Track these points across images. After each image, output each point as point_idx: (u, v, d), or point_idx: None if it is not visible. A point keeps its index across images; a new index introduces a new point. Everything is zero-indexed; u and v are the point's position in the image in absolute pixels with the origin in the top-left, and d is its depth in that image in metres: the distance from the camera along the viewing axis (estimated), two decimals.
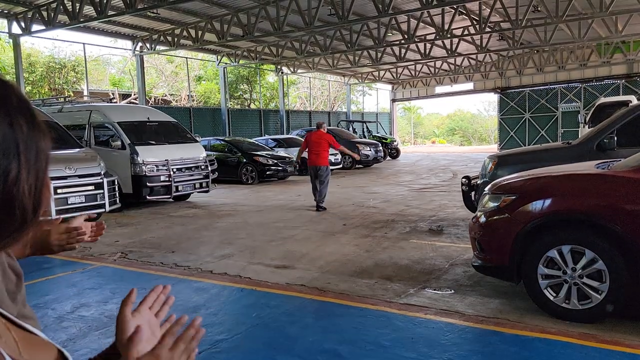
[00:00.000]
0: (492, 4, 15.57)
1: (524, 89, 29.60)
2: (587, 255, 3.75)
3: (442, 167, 20.01)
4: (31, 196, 0.59)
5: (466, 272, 5.25)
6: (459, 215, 8.63)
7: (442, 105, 64.68)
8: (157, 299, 0.90)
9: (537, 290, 3.95)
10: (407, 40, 17.97)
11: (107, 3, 12.81)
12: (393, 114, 37.16)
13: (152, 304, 0.88)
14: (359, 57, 23.74)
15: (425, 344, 3.55)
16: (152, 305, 0.88)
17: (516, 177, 4.56)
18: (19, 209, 0.58)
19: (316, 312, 4.35)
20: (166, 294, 0.92)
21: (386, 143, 24.83)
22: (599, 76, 27.12)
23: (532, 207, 4.02)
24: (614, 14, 15.37)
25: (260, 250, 6.55)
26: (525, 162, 6.21)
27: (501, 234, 4.15)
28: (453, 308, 4.23)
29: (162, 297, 0.91)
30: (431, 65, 29.09)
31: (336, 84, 35.97)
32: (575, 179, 4.16)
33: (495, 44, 22.58)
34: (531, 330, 3.71)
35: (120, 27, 17.49)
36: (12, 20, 14.76)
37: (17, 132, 0.58)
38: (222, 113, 22.90)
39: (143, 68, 19.66)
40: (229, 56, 22.50)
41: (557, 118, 28.33)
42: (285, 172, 15.85)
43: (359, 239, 7.11)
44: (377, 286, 4.91)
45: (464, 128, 55.80)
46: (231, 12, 16.14)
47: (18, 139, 0.58)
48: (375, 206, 10.16)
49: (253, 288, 4.95)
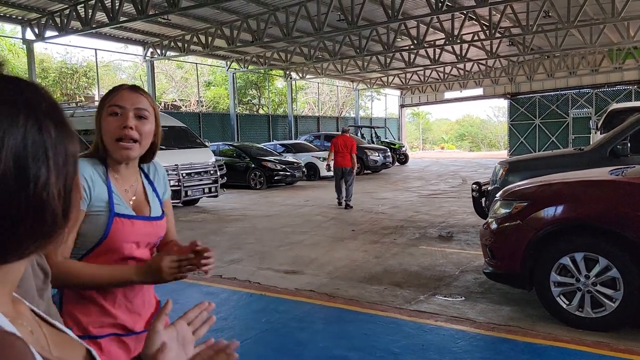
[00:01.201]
0: (503, 9, 15.50)
1: (534, 94, 29.41)
2: (601, 263, 3.70)
3: (451, 173, 19.91)
4: (61, 200, 0.60)
5: (477, 279, 5.20)
6: (468, 221, 8.56)
7: (451, 111, 64.78)
8: (198, 316, 0.87)
9: (549, 298, 3.90)
10: (417, 45, 17.95)
11: (119, 9, 12.94)
12: (401, 119, 37.08)
13: (192, 319, 0.86)
14: (368, 63, 23.74)
15: (436, 351, 3.51)
16: (191, 321, 0.85)
17: (528, 184, 4.52)
18: (49, 213, 0.58)
19: (326, 318, 4.32)
20: (209, 311, 0.89)
21: (394, 148, 24.76)
22: (611, 82, 26.88)
23: (544, 214, 3.97)
24: (625, 20, 15.25)
25: (269, 255, 6.54)
26: (537, 168, 6.16)
27: (513, 240, 4.10)
28: (464, 315, 4.19)
29: (204, 315, 0.88)
30: (440, 71, 29.00)
31: (345, 90, 36.00)
32: (588, 185, 4.11)
33: (505, 49, 22.49)
34: (544, 338, 3.66)
35: (132, 33, 17.65)
36: (26, 26, 14.95)
37: (45, 136, 0.58)
38: (231, 118, 22.98)
39: (153, 73, 19.81)
40: (238, 62, 22.61)
41: (568, 124, 28.11)
42: (293, 177, 15.86)
43: (368, 244, 7.08)
44: (387, 292, 4.88)
45: (473, 134, 55.58)
46: (241, 18, 16.22)
47: (47, 144, 0.58)
48: (384, 212, 10.13)
49: (262, 293, 4.94)
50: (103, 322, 1.51)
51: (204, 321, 0.88)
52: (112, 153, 1.52)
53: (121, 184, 1.57)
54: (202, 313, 0.88)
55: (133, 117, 1.50)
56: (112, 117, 1.50)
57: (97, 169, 1.53)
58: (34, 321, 0.69)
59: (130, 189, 1.60)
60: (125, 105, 1.50)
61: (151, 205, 1.62)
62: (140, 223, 1.55)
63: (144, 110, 1.53)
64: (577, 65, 25.55)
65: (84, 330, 1.48)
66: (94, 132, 1.64)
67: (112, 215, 1.49)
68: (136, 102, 1.52)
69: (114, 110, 1.50)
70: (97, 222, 1.48)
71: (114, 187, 1.54)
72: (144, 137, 1.53)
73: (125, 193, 1.57)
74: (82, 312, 1.49)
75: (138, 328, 1.57)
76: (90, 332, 1.49)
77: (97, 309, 1.51)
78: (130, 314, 1.56)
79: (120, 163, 1.56)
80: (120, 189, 1.56)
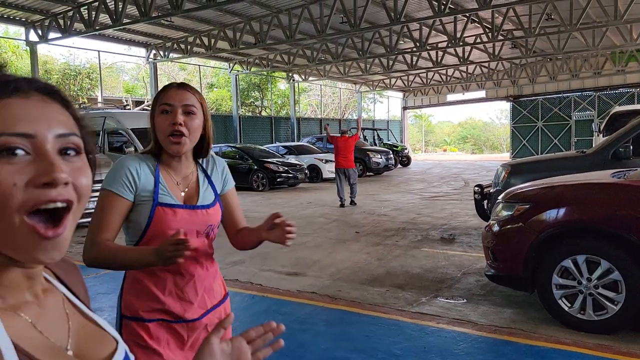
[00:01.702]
0: (505, 12, 15.51)
1: (536, 97, 29.40)
2: (603, 266, 3.69)
3: (453, 175, 19.90)
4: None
5: (479, 281, 5.20)
6: (471, 223, 8.56)
7: (454, 113, 64.69)
8: (262, 336, 0.80)
9: (551, 301, 3.90)
10: (419, 48, 17.97)
11: (122, 11, 13.00)
12: (404, 121, 37.10)
13: (253, 338, 0.80)
14: (371, 65, 23.78)
15: (438, 353, 3.51)
16: (252, 340, 0.80)
17: (530, 186, 4.51)
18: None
19: (327, 319, 4.32)
20: (277, 334, 0.82)
21: (397, 151, 24.78)
22: (614, 84, 26.86)
23: (546, 216, 3.97)
24: (628, 22, 15.24)
25: (271, 257, 6.54)
26: (539, 170, 6.15)
27: (515, 243, 4.10)
28: (466, 317, 4.19)
29: (268, 336, 0.81)
30: (443, 73, 29.02)
31: (347, 92, 36.04)
32: (590, 187, 4.11)
33: (507, 52, 22.49)
34: (546, 340, 3.65)
35: (135, 34, 17.72)
36: (30, 28, 15.02)
37: None
38: (234, 120, 23.03)
39: (156, 75, 19.86)
40: (241, 64, 22.66)
41: (571, 127, 28.09)
42: (295, 179, 15.87)
43: (370, 246, 7.08)
44: (389, 294, 4.88)
45: (476, 136, 55.54)
46: (244, 20, 16.27)
47: None
48: (386, 214, 10.13)
49: (264, 295, 4.95)
50: (152, 307, 1.61)
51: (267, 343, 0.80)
52: (165, 148, 1.63)
53: (172, 177, 1.67)
54: (267, 334, 0.81)
55: (181, 114, 1.60)
56: (163, 115, 1.61)
57: (146, 162, 1.64)
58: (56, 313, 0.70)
59: (183, 182, 1.69)
60: (174, 103, 1.60)
61: (200, 195, 1.70)
62: (183, 211, 1.63)
63: (192, 106, 1.62)
64: (580, 68, 25.54)
65: (135, 313, 1.60)
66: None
67: (155, 204, 1.60)
68: (184, 99, 1.61)
69: (164, 109, 1.61)
70: (143, 211, 1.60)
71: (163, 180, 1.64)
72: (192, 132, 1.62)
73: (175, 185, 1.67)
74: (135, 296, 1.62)
75: (189, 316, 1.64)
76: (140, 316, 1.59)
77: (147, 294, 1.61)
78: (181, 301, 1.63)
79: (173, 157, 1.65)
80: (170, 181, 1.66)
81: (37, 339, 0.64)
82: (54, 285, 0.74)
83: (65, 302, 0.73)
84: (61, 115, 0.65)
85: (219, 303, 1.76)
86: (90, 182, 0.66)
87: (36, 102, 0.63)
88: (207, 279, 1.71)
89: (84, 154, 0.66)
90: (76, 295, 0.78)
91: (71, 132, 0.65)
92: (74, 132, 0.65)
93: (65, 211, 0.62)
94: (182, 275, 1.63)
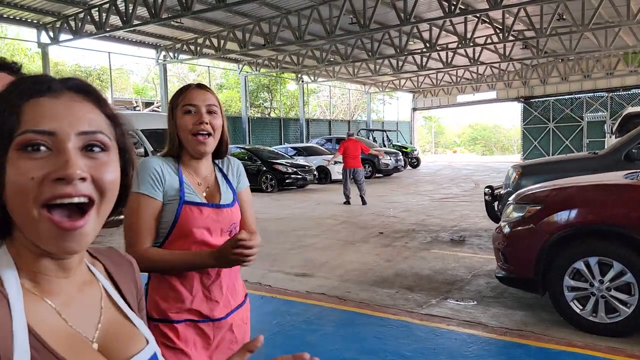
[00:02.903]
0: (516, 12, 15.41)
1: (548, 98, 29.16)
2: (615, 268, 3.65)
3: (463, 177, 19.80)
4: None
5: (489, 283, 5.16)
6: (481, 225, 8.50)
7: (464, 114, 64.10)
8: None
9: (563, 303, 3.86)
10: (429, 48, 17.90)
11: (132, 13, 13.09)
12: (413, 122, 36.98)
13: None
14: (380, 66, 23.72)
15: (448, 355, 3.49)
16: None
17: (541, 187, 4.47)
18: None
19: (336, 320, 4.31)
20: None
21: (406, 152, 24.69)
22: (626, 85, 26.57)
23: (558, 218, 3.93)
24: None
25: (280, 258, 6.54)
26: (550, 172, 6.10)
27: (526, 244, 4.06)
28: (476, 319, 4.16)
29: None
30: (453, 74, 28.87)
31: (356, 93, 35.98)
32: (603, 189, 4.06)
33: (518, 52, 22.34)
34: (557, 343, 3.61)
35: (145, 36, 17.83)
36: (41, 30, 15.17)
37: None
38: (243, 121, 23.08)
39: (166, 76, 19.96)
40: (250, 65, 22.71)
41: (583, 128, 27.83)
42: (304, 180, 15.87)
43: (380, 248, 7.06)
44: (398, 296, 4.86)
45: (486, 137, 55.21)
46: (253, 22, 16.31)
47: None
48: (395, 215, 10.09)
49: (273, 295, 4.95)
50: (180, 307, 1.61)
51: None
52: (190, 147, 1.64)
53: (194, 178, 1.69)
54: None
55: (206, 113, 1.63)
56: (187, 115, 1.62)
57: (168, 163, 1.66)
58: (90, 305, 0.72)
59: (204, 182, 1.71)
60: (198, 103, 1.63)
61: (222, 195, 1.71)
62: (209, 210, 1.64)
63: (214, 106, 1.65)
64: (592, 69, 25.29)
65: (163, 314, 1.60)
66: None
67: (182, 203, 1.60)
68: (206, 99, 1.65)
69: (187, 109, 1.63)
70: (171, 210, 1.60)
71: (186, 179, 1.65)
72: (216, 130, 1.65)
73: (197, 186, 1.68)
74: (162, 297, 1.61)
75: (216, 315, 1.65)
76: (168, 317, 1.59)
77: (174, 295, 1.61)
78: (208, 301, 1.64)
79: (194, 158, 1.67)
80: (192, 182, 1.67)
81: (58, 325, 0.65)
82: (97, 278, 0.76)
83: (103, 296, 0.75)
84: (90, 114, 0.67)
85: (241, 303, 1.77)
86: (117, 178, 0.68)
87: (65, 101, 0.66)
88: (231, 278, 1.72)
89: (112, 151, 0.68)
90: (121, 291, 0.79)
91: (96, 130, 0.66)
92: (100, 129, 0.67)
93: (88, 206, 0.64)
94: (209, 274, 1.64)
